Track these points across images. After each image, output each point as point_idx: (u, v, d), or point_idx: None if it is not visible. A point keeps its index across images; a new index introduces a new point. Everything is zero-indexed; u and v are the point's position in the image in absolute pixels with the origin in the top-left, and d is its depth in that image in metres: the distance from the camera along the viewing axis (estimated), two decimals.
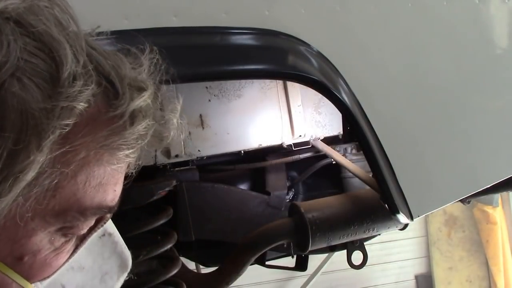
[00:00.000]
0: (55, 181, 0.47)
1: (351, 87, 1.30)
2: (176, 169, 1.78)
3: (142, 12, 1.09)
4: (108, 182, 0.52)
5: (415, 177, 1.45)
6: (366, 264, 1.97)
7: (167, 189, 1.62)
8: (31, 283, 0.52)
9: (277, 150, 1.94)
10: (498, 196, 4.58)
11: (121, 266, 0.65)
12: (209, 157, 1.82)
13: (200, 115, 1.77)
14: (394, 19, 1.38)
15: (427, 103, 1.46)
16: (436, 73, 1.46)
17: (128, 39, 0.60)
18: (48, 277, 0.54)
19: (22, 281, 0.51)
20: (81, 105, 0.46)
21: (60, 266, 0.54)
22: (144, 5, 1.09)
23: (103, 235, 0.56)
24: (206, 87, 1.76)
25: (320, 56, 1.26)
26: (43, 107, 0.44)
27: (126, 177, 0.57)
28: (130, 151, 0.52)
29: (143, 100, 0.51)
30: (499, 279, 4.69)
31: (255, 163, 1.95)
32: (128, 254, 0.66)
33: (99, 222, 0.58)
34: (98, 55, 0.50)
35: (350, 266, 1.97)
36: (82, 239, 0.56)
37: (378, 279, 4.88)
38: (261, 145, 1.85)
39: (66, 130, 0.46)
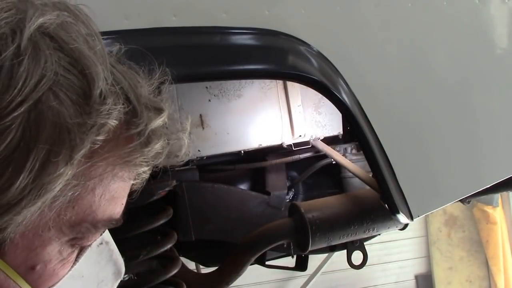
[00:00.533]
0: (77, 193, 0.48)
1: (351, 87, 1.30)
2: (176, 169, 1.77)
3: (142, 12, 1.09)
4: (119, 196, 0.54)
5: (415, 177, 1.45)
6: (366, 264, 1.97)
7: (167, 189, 1.62)
8: None
9: (277, 150, 1.94)
10: (498, 196, 4.58)
11: (115, 274, 0.66)
12: (209, 157, 1.82)
13: (200, 115, 1.77)
14: (394, 19, 1.38)
15: (427, 103, 1.46)
16: (436, 73, 1.46)
17: (141, 57, 0.61)
18: (53, 286, 0.54)
19: None
20: (113, 122, 0.48)
21: (64, 275, 0.55)
22: (144, 5, 1.09)
23: (101, 243, 0.58)
24: (206, 87, 1.76)
25: (320, 56, 1.26)
26: (77, 122, 0.45)
27: (132, 193, 0.58)
28: (148, 168, 0.55)
29: (161, 120, 0.53)
30: (499, 279, 4.69)
31: (255, 163, 1.95)
32: (121, 261, 0.67)
33: None
34: (118, 73, 0.52)
35: (350, 266, 1.97)
36: (83, 248, 0.57)
37: (378, 279, 4.88)
38: (261, 145, 1.85)
39: (97, 145, 0.47)
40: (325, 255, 4.37)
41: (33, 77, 0.44)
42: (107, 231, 0.61)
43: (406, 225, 1.73)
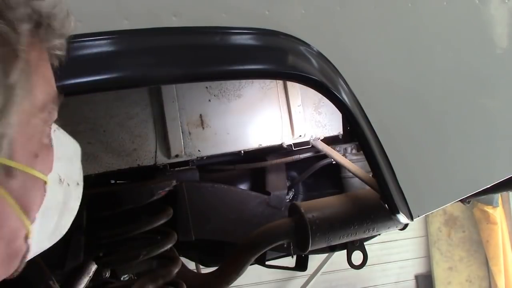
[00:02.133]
0: (30, 81, 0.59)
1: (351, 87, 1.30)
2: (176, 169, 1.78)
3: (142, 12, 1.09)
4: (51, 75, 0.65)
5: (415, 177, 1.45)
6: (366, 264, 1.97)
7: (167, 189, 1.62)
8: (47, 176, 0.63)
9: (277, 150, 1.94)
10: (498, 196, 4.59)
11: (75, 151, 0.76)
12: (209, 157, 1.82)
13: (200, 115, 1.77)
14: (394, 19, 1.38)
15: (427, 103, 1.46)
16: (435, 73, 1.46)
17: None
18: (51, 169, 0.64)
19: (42, 176, 0.62)
20: (29, 10, 0.57)
21: (53, 160, 0.66)
22: (144, 5, 1.09)
23: (54, 130, 0.68)
24: (206, 87, 1.76)
25: (320, 56, 1.26)
26: (9, 20, 0.55)
27: (55, 73, 0.67)
28: (62, 40, 0.64)
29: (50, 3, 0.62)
30: (500, 279, 4.70)
31: (255, 163, 1.95)
32: (76, 143, 0.78)
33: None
34: None
35: (350, 266, 1.97)
36: (49, 135, 0.67)
37: (378, 279, 4.89)
38: (261, 145, 1.85)
39: (28, 35, 0.57)
40: (325, 255, 4.37)
41: None
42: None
43: (406, 225, 1.73)
